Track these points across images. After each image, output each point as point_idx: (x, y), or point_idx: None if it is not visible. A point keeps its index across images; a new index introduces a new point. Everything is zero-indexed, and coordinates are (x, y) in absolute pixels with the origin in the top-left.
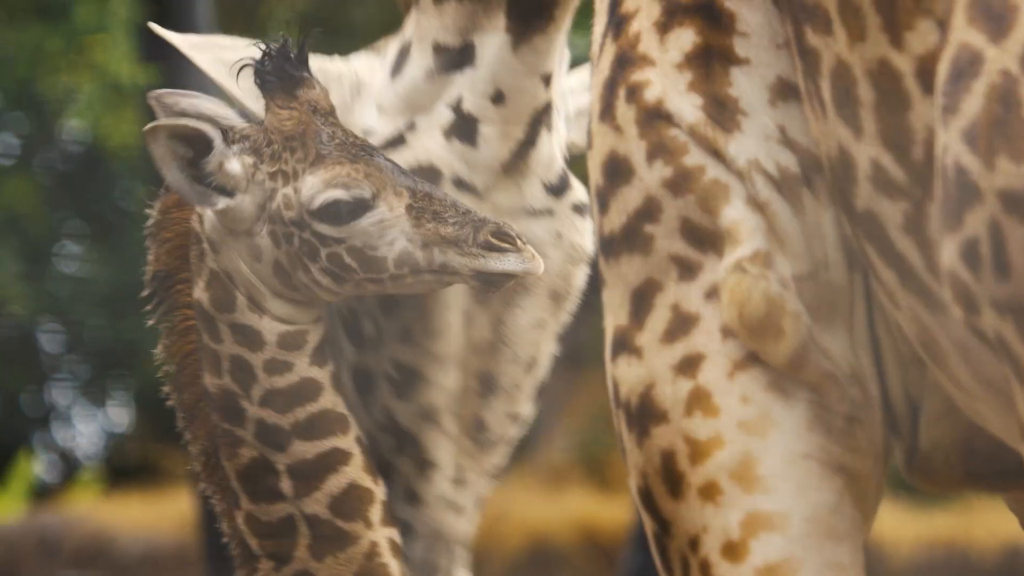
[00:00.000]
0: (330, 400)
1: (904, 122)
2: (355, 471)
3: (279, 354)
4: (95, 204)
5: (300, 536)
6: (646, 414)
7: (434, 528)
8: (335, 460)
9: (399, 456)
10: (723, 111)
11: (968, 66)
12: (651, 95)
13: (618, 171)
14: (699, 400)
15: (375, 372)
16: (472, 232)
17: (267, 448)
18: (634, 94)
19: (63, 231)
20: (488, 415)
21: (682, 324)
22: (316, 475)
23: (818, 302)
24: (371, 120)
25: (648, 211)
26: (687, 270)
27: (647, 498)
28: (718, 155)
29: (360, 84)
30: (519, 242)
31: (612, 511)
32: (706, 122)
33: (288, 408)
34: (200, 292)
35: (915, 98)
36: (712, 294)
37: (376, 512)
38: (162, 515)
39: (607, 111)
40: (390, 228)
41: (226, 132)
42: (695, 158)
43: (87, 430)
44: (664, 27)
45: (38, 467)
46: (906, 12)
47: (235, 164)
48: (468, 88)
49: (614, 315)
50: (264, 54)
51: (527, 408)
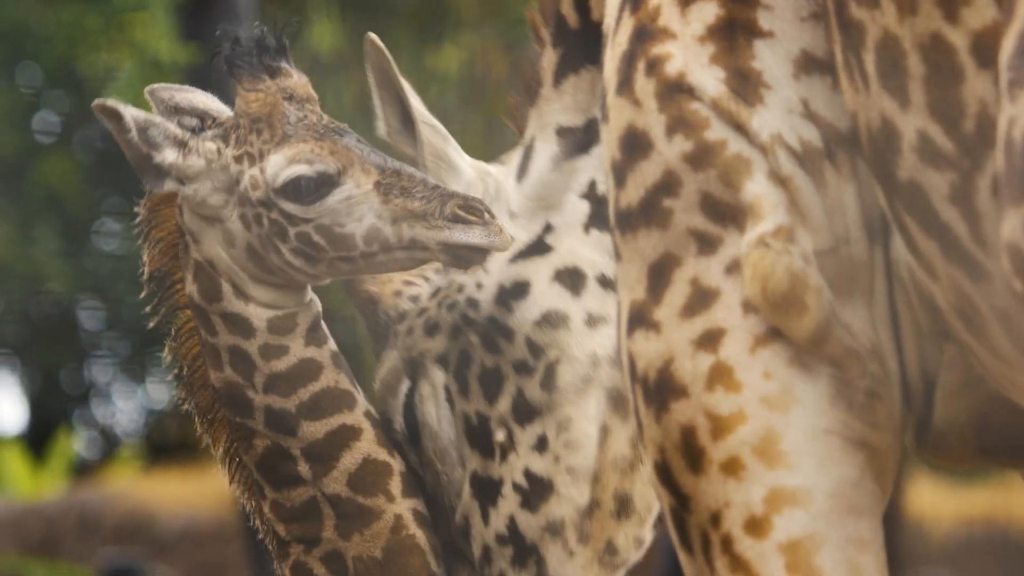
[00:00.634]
0: (331, 378)
1: (956, 95)
2: (368, 445)
3: (272, 339)
4: (134, 182)
5: (325, 517)
6: (665, 389)
7: None
8: (346, 437)
9: (519, 570)
10: (746, 84)
11: None
12: (672, 68)
13: (636, 145)
14: (721, 375)
15: (503, 481)
16: (439, 205)
17: (279, 435)
18: (654, 67)
19: (102, 209)
20: (619, 538)
21: (702, 299)
22: (330, 454)
23: (839, 277)
24: (507, 227)
25: (667, 185)
26: (707, 244)
27: (664, 473)
28: (740, 129)
29: (499, 190)
30: (487, 216)
31: None
32: (729, 96)
33: (291, 391)
34: (189, 285)
35: (968, 72)
36: (732, 269)
37: (396, 484)
38: (201, 492)
39: (625, 84)
40: (358, 205)
41: (154, 123)
42: (717, 132)
43: (127, 407)
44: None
45: (78, 444)
46: None
47: (169, 154)
48: (597, 168)
49: (630, 290)
50: (231, 41)
51: (649, 534)
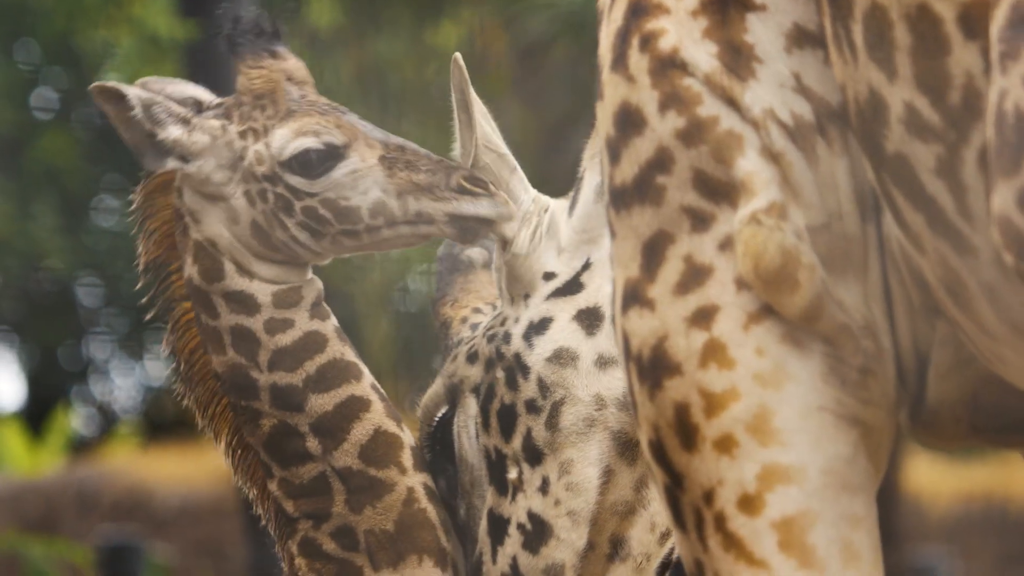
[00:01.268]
0: (337, 350)
1: (942, 66)
2: (378, 417)
3: (276, 313)
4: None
5: (335, 492)
6: (659, 366)
7: None
8: (355, 408)
9: None
10: (738, 58)
11: None
12: (666, 44)
13: (630, 121)
14: (714, 352)
15: (509, 521)
16: (445, 177)
17: (286, 412)
18: (648, 43)
19: (101, 185)
20: None
21: (695, 275)
22: (340, 427)
23: (832, 253)
24: (551, 263)
25: (660, 162)
26: (700, 221)
27: (659, 451)
28: (733, 104)
29: (552, 224)
30: (492, 187)
31: None
32: (721, 70)
33: (297, 364)
34: (189, 268)
35: (955, 43)
36: (726, 245)
37: (407, 457)
38: (199, 468)
39: (619, 60)
40: (363, 178)
41: (156, 100)
42: (709, 108)
43: (125, 384)
44: None
45: (76, 421)
46: None
47: (173, 131)
48: None
49: (624, 267)
50: (232, 20)
51: None
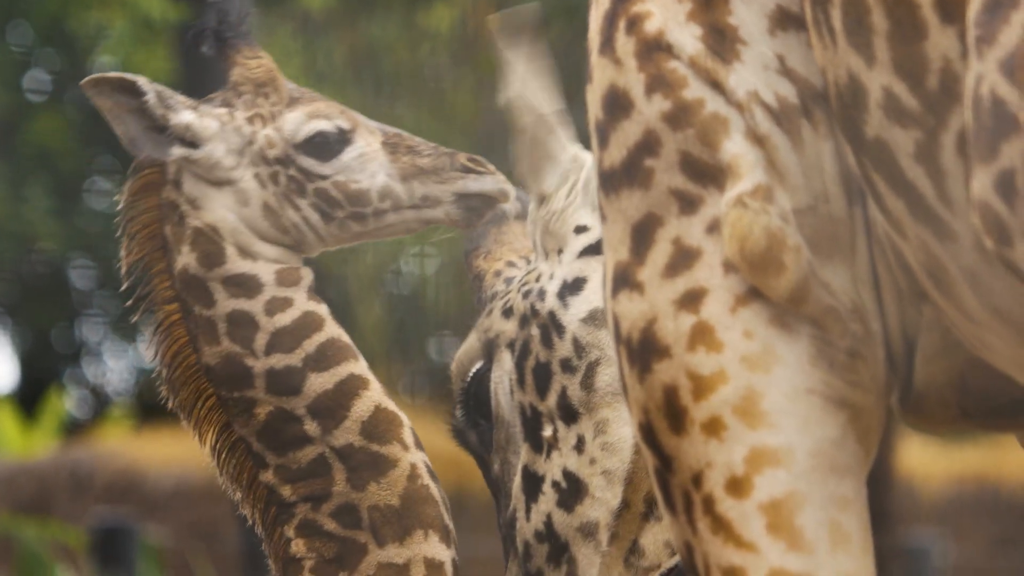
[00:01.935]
0: (334, 331)
1: (919, 51)
2: (377, 395)
3: (278, 291)
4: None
5: (335, 471)
6: (648, 349)
7: None
8: (355, 385)
9: (554, 569)
10: (722, 41)
11: None
12: (651, 27)
13: (617, 104)
14: (702, 335)
15: (544, 478)
16: (448, 159)
17: (282, 397)
18: (634, 26)
19: (94, 167)
20: (646, 538)
21: (684, 258)
22: (340, 404)
23: (818, 236)
24: (586, 218)
25: (648, 145)
26: (688, 204)
27: (649, 434)
28: (718, 87)
29: (588, 182)
30: (491, 167)
31: None
32: (706, 53)
33: (296, 343)
34: (185, 257)
35: (932, 27)
36: (713, 228)
37: (408, 435)
38: (192, 450)
39: (607, 44)
40: (370, 161)
41: (165, 89)
42: (694, 91)
43: (118, 366)
44: None
45: (69, 403)
46: None
47: (185, 115)
48: None
49: (614, 251)
50: (220, 14)
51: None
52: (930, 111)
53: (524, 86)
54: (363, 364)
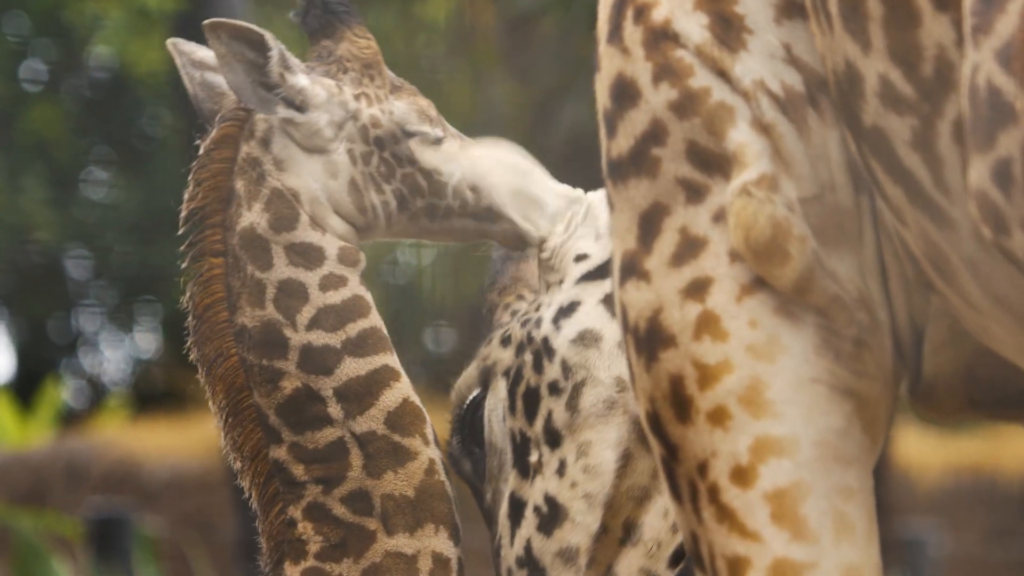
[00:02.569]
0: (377, 320)
1: (913, 38)
2: (407, 389)
3: (337, 268)
4: (122, 130)
5: (352, 457)
6: (654, 338)
7: None
8: (388, 376)
9: None
10: (729, 29)
11: None
12: (658, 15)
13: (625, 93)
14: (708, 324)
15: (527, 503)
16: None
17: (312, 375)
18: (641, 14)
19: (90, 157)
20: (620, 565)
21: (690, 248)
22: (369, 392)
23: (824, 225)
24: (588, 246)
25: (654, 134)
26: (694, 193)
27: (655, 423)
28: (724, 75)
29: (589, 213)
30: None
31: None
32: (712, 42)
33: (340, 324)
34: (255, 215)
35: (926, 15)
36: (720, 217)
37: (429, 432)
38: (188, 441)
39: (615, 33)
40: (451, 161)
41: (285, 49)
42: (701, 80)
43: (114, 356)
44: None
45: (65, 393)
46: None
47: (302, 79)
48: None
49: (621, 239)
50: None
51: (662, 572)
52: (925, 98)
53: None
54: (396, 359)
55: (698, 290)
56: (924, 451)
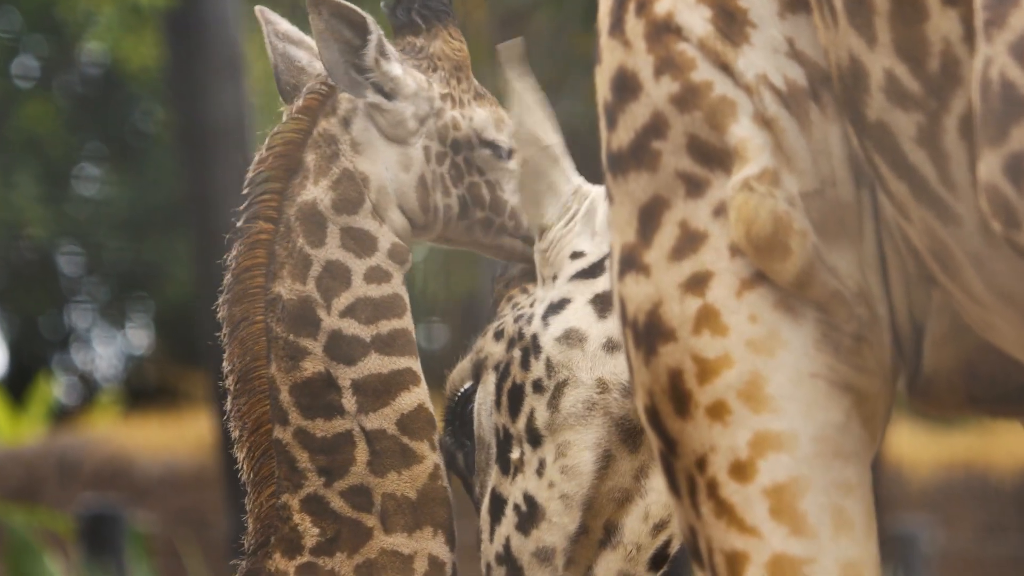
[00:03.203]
0: (410, 323)
1: (920, 33)
2: (424, 395)
3: (385, 263)
4: (114, 127)
5: (358, 451)
6: (653, 332)
7: None
8: (408, 379)
9: None
10: (732, 23)
11: None
12: (661, 8)
13: (626, 86)
14: (707, 318)
15: (507, 501)
16: None
17: (335, 362)
18: (643, 7)
19: (82, 154)
20: (600, 568)
21: (690, 241)
22: (387, 391)
23: (825, 220)
24: (585, 244)
25: (655, 127)
26: (695, 187)
27: (653, 417)
28: (727, 69)
29: (591, 210)
30: None
31: None
32: (715, 35)
33: (374, 319)
34: (320, 191)
35: (933, 9)
36: (720, 211)
37: (437, 440)
38: (181, 437)
39: (616, 25)
40: (512, 180)
41: (382, 34)
42: (703, 73)
43: (106, 352)
44: None
45: (57, 389)
46: None
47: (396, 67)
48: None
49: (621, 233)
50: None
51: (642, 574)
52: (932, 94)
53: (528, 117)
54: (419, 364)
55: (698, 284)
56: (916, 447)
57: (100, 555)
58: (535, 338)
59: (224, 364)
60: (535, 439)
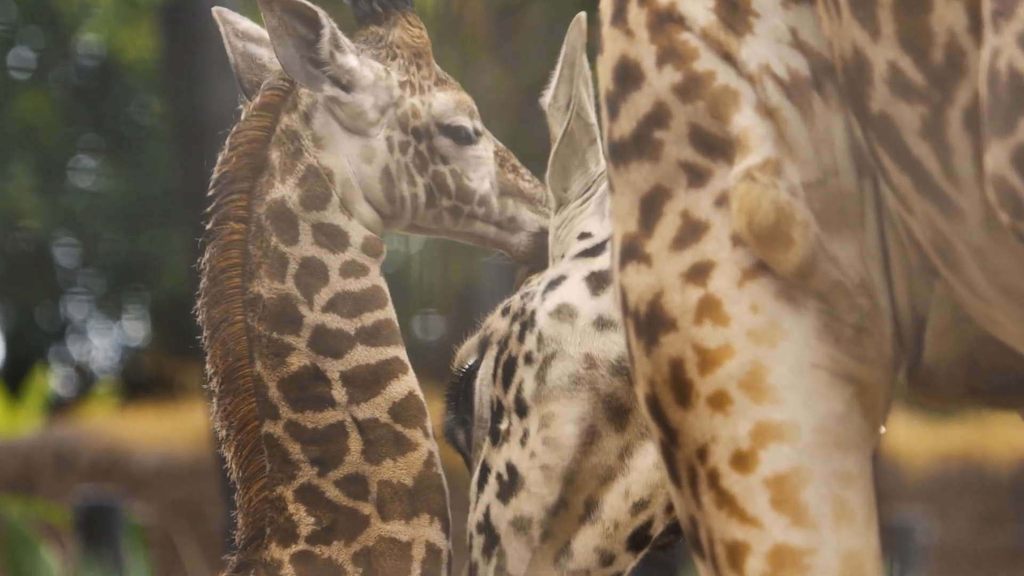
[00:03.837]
0: (392, 313)
1: (924, 24)
2: (413, 382)
3: (360, 256)
4: (110, 118)
5: (351, 441)
6: (655, 322)
7: None
8: (396, 368)
9: (486, 561)
10: (735, 13)
11: None
12: None
13: (628, 76)
14: (709, 308)
15: (492, 470)
16: (542, 193)
17: (321, 356)
18: None
19: (78, 145)
20: (577, 542)
21: (692, 231)
22: (377, 381)
23: (827, 210)
24: (594, 225)
25: (657, 117)
26: (697, 177)
27: (655, 407)
28: (729, 59)
29: (607, 194)
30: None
31: None
32: (718, 25)
33: (356, 312)
34: (287, 189)
35: (938, 0)
36: (722, 201)
37: (429, 426)
38: (177, 428)
39: (619, 14)
40: (483, 165)
41: (335, 28)
42: (705, 63)
43: (102, 344)
44: None
45: (53, 381)
46: None
47: (351, 59)
48: None
49: (622, 222)
50: None
51: (620, 554)
52: (936, 86)
53: (584, 90)
54: (405, 353)
55: (699, 274)
56: (913, 438)
57: (96, 547)
58: (533, 313)
59: (207, 367)
60: (521, 409)
